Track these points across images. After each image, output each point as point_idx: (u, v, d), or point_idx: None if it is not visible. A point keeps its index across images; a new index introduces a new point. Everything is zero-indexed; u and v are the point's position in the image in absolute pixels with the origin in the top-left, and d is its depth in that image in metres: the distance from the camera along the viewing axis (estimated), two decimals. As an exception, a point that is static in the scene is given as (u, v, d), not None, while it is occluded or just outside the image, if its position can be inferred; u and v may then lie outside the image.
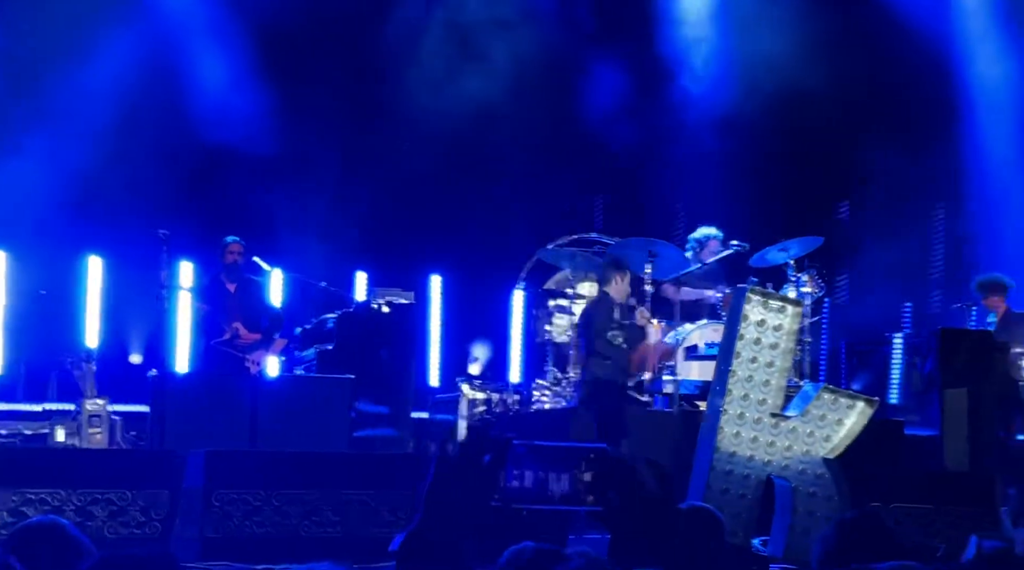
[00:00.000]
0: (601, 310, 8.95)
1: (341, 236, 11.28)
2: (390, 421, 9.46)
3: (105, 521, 6.54)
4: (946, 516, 7.15)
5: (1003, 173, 11.99)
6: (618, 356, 8.85)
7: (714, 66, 12.08)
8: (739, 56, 11.96)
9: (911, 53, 11.70)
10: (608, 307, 8.93)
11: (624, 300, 9.06)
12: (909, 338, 9.90)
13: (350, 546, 6.43)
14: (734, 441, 6.95)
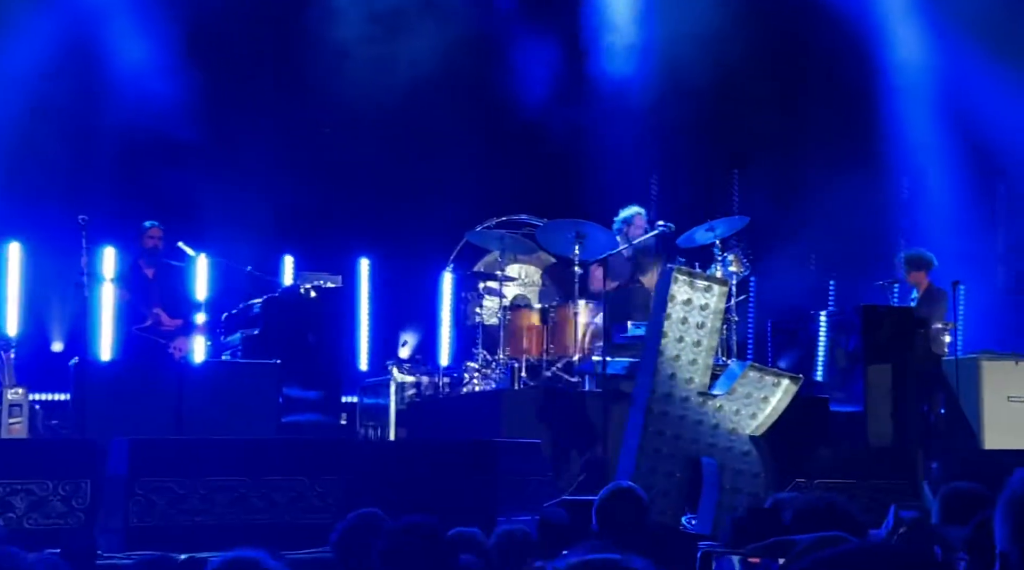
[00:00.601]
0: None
1: (267, 220, 11.16)
2: (319, 406, 9.39)
3: (25, 512, 6.41)
4: (870, 490, 7.27)
5: (922, 152, 12.19)
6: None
7: (639, 46, 12.12)
8: (663, 37, 12.01)
9: (831, 34, 11.84)
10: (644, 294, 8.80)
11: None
12: (833, 316, 10.02)
13: (278, 533, 6.38)
14: (662, 420, 6.99)
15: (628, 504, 4.69)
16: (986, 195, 11.91)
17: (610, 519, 4.66)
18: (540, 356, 9.64)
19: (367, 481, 6.88)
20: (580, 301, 9.51)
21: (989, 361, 9.09)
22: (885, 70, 12.21)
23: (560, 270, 10.54)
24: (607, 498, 4.75)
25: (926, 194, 12.16)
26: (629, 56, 12.12)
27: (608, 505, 4.72)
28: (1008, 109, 11.67)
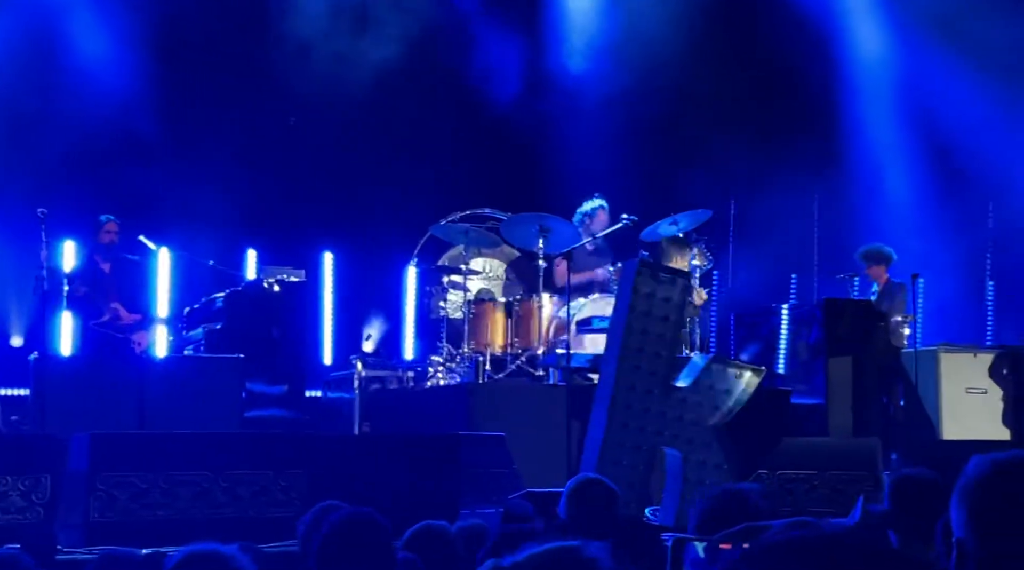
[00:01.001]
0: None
1: (230, 214, 11.09)
2: (283, 401, 9.36)
3: (-15, 508, 6.36)
4: (830, 481, 7.33)
5: (882, 148, 12.30)
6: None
7: (601, 41, 12.16)
8: (625, 30, 12.05)
9: (793, 31, 11.92)
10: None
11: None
12: (795, 309, 10.11)
13: (241, 527, 6.35)
14: (626, 413, 7.02)
15: (598, 495, 4.69)
16: (945, 190, 12.03)
17: (579, 509, 4.67)
18: (504, 350, 9.65)
19: (331, 475, 6.87)
20: (544, 295, 9.53)
21: (947, 353, 9.20)
22: (846, 67, 12.32)
23: (524, 264, 10.56)
24: (576, 488, 4.75)
25: (886, 189, 12.27)
26: (591, 50, 12.16)
27: (578, 495, 4.73)
28: (966, 105, 11.79)
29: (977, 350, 9.39)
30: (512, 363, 9.58)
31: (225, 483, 6.54)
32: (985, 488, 2.08)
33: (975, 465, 2.13)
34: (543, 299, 9.50)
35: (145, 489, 6.46)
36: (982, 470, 2.11)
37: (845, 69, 12.33)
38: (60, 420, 7.77)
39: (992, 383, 9.13)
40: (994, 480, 2.08)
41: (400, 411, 9.97)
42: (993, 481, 2.08)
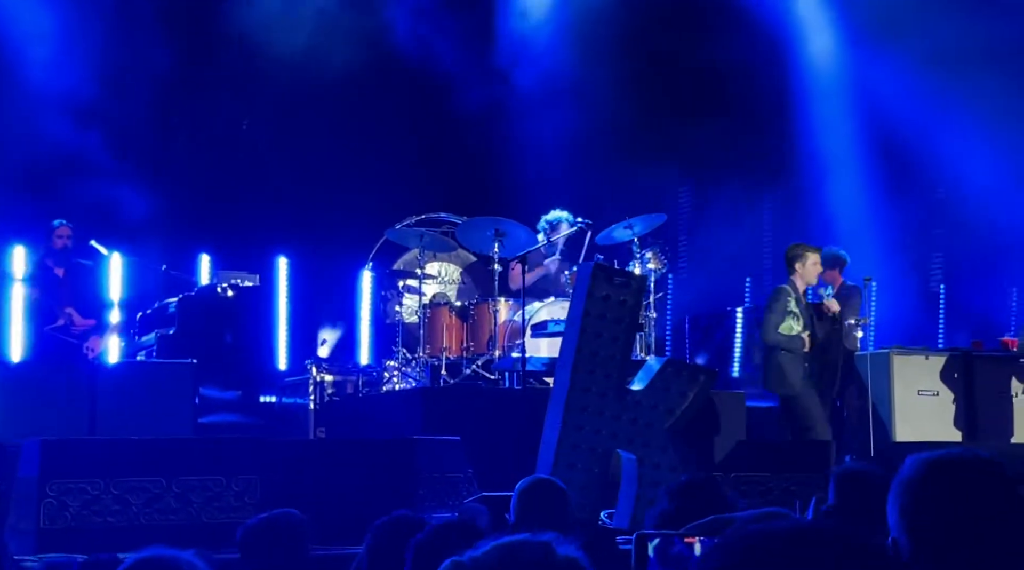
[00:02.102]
0: (778, 298, 8.83)
1: (184, 218, 11.01)
2: (237, 406, 9.30)
3: (-67, 515, 6.26)
4: (783, 482, 7.38)
5: (836, 152, 12.42)
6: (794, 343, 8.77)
7: (555, 47, 12.19)
8: (577, 36, 12.10)
9: (743, 34, 12.02)
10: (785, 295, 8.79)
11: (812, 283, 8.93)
12: (749, 312, 10.17)
13: (194, 533, 6.30)
14: (581, 416, 7.03)
15: (549, 495, 4.67)
16: (897, 193, 12.16)
17: (530, 510, 4.65)
18: (460, 354, 9.64)
19: (285, 480, 6.82)
20: (500, 298, 9.53)
21: (900, 356, 9.28)
22: (797, 70, 12.43)
23: (480, 268, 10.56)
24: (527, 489, 4.73)
25: (838, 192, 12.38)
26: (545, 56, 12.19)
27: (528, 496, 4.70)
28: (917, 109, 11.93)
29: (929, 352, 9.48)
30: (467, 367, 9.57)
31: (177, 489, 6.48)
32: (915, 488, 2.10)
33: (907, 465, 2.15)
34: (498, 303, 9.51)
35: (96, 495, 6.38)
36: (912, 470, 2.13)
37: (796, 73, 12.45)
38: (10, 426, 7.67)
39: (943, 385, 9.24)
40: (923, 480, 2.11)
41: (355, 416, 9.93)
42: (922, 481, 2.10)
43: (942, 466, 2.11)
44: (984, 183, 11.59)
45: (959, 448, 2.18)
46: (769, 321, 8.84)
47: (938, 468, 2.11)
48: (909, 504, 2.09)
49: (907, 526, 2.08)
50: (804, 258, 8.88)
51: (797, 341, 8.79)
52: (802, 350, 8.78)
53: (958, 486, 2.09)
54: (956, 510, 2.06)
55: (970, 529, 2.04)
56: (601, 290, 7.16)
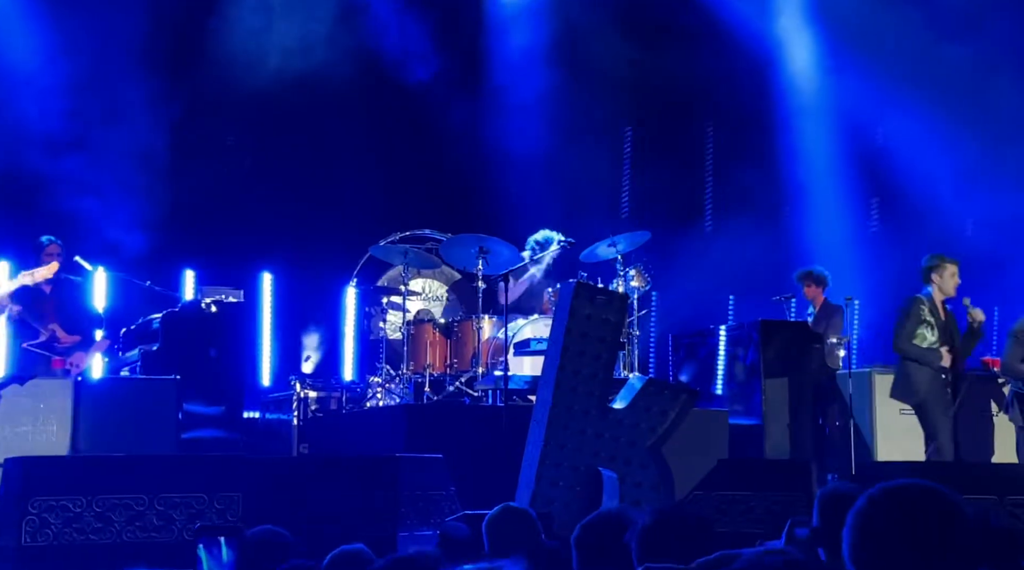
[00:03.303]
0: (911, 306, 8.75)
1: (168, 234, 11.01)
2: (220, 422, 9.28)
3: (-88, 533, 6.24)
4: (765, 502, 7.39)
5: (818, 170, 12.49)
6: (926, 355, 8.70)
7: (540, 60, 12.25)
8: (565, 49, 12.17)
9: (727, 54, 12.10)
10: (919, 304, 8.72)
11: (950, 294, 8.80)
12: (732, 330, 10.20)
13: (176, 550, 6.29)
14: (563, 434, 7.05)
15: (516, 523, 4.69)
16: (880, 213, 12.24)
17: (500, 538, 4.67)
18: (444, 371, 9.66)
19: (268, 497, 6.82)
20: (484, 316, 9.56)
21: (881, 375, 9.32)
22: (781, 89, 12.51)
23: (464, 285, 10.58)
24: (496, 517, 4.76)
25: (821, 211, 12.44)
26: (531, 73, 12.24)
27: (497, 525, 4.73)
28: (900, 128, 12.01)
29: (910, 371, 9.50)
30: (451, 384, 9.59)
31: (160, 506, 6.47)
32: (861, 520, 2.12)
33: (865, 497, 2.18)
34: (482, 320, 9.53)
35: (78, 513, 6.37)
36: (860, 503, 2.16)
37: (780, 92, 12.53)
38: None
39: (924, 404, 9.26)
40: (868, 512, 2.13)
41: (339, 432, 9.93)
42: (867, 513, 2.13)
43: (887, 498, 2.14)
44: (966, 201, 11.67)
45: (909, 479, 2.20)
46: (901, 329, 8.72)
47: (881, 500, 2.14)
48: (855, 535, 2.12)
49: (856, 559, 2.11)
50: (942, 269, 8.74)
51: (933, 355, 8.66)
52: (938, 364, 8.66)
53: (903, 519, 2.11)
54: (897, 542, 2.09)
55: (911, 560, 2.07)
56: (584, 308, 7.19)
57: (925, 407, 8.68)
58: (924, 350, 8.71)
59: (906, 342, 8.73)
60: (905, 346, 8.75)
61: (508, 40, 12.34)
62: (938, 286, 8.78)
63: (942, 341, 8.72)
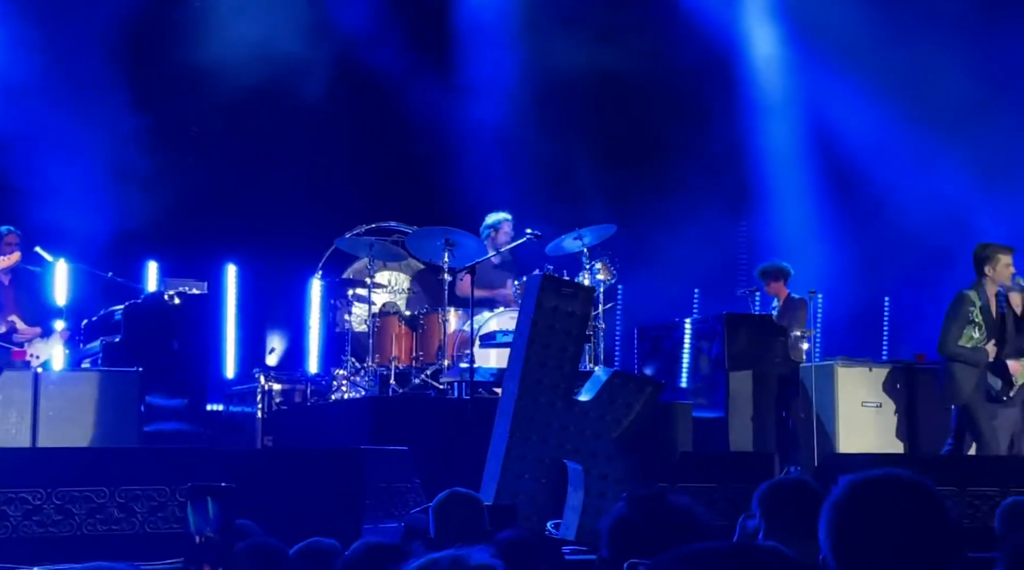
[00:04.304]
0: (958, 306, 8.55)
1: (131, 225, 10.91)
2: (183, 414, 9.22)
3: None
4: (728, 494, 7.43)
5: (781, 164, 12.55)
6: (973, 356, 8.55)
7: (503, 53, 12.24)
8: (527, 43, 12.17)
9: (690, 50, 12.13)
10: (966, 303, 8.51)
11: (1006, 284, 8.51)
12: (697, 323, 10.24)
13: (137, 543, 6.24)
14: (528, 426, 7.04)
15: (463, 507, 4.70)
16: (844, 207, 12.30)
17: (446, 524, 4.68)
18: (409, 363, 9.64)
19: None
20: (449, 308, 9.54)
21: (844, 367, 9.38)
22: (744, 86, 12.56)
23: (429, 276, 10.56)
24: (441, 504, 4.76)
25: (786, 204, 12.50)
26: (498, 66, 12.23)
27: (443, 511, 4.73)
28: (863, 122, 12.08)
29: (872, 365, 9.58)
30: (416, 377, 9.57)
31: (121, 499, 6.42)
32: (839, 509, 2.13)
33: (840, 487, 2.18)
34: (448, 313, 9.51)
35: (38, 505, 6.31)
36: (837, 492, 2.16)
37: (744, 88, 12.58)
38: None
39: (887, 397, 9.34)
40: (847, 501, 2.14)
41: (303, 425, 9.89)
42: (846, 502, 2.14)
43: (866, 487, 2.15)
44: (929, 196, 11.75)
45: (885, 469, 2.21)
46: (948, 331, 8.51)
47: (862, 489, 2.15)
48: (834, 525, 2.13)
49: (832, 547, 2.12)
50: (995, 260, 8.45)
51: (979, 355, 8.50)
52: (986, 361, 8.48)
53: (881, 507, 2.12)
54: (878, 531, 2.09)
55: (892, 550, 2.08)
56: (549, 301, 7.19)
57: (970, 409, 8.57)
58: (970, 351, 8.54)
59: (952, 345, 8.55)
60: (951, 349, 8.57)
61: (474, 32, 12.31)
62: (991, 278, 8.53)
63: (989, 336, 8.53)
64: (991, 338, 8.56)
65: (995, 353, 8.57)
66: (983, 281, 8.60)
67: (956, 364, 8.60)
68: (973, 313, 8.55)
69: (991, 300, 8.62)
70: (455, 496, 4.76)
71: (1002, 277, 8.53)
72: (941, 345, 8.70)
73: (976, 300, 8.58)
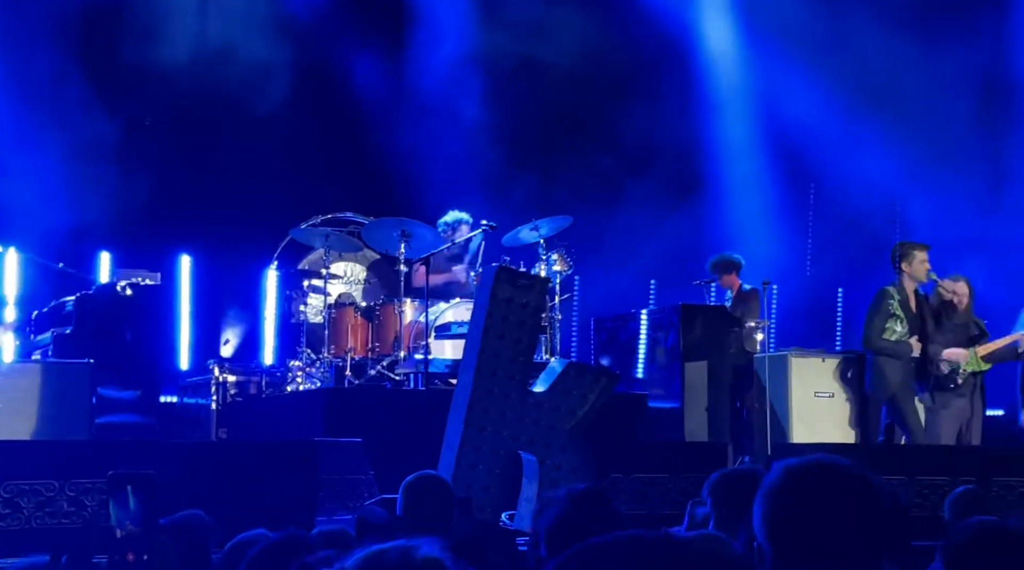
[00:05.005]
0: (879, 300, 8.69)
1: (83, 215, 10.79)
2: (136, 406, 9.15)
3: None
4: (682, 483, 7.48)
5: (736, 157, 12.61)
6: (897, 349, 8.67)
7: (458, 42, 12.21)
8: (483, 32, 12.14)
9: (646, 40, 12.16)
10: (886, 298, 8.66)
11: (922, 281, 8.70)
12: (653, 314, 10.28)
13: (88, 537, 6.18)
14: (483, 417, 7.05)
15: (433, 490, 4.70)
16: (797, 197, 12.38)
17: (416, 505, 4.67)
18: (365, 354, 9.61)
19: (185, 483, 6.72)
20: (406, 299, 9.52)
21: (797, 358, 9.45)
22: (699, 78, 12.61)
23: (384, 267, 10.53)
24: (412, 484, 4.75)
25: (741, 195, 12.56)
26: (452, 56, 12.19)
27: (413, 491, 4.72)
28: (819, 116, 12.16)
29: (825, 355, 9.67)
30: (372, 368, 9.54)
31: (71, 492, 6.36)
32: (772, 495, 2.14)
33: (775, 472, 2.19)
34: (404, 304, 9.49)
35: (-14, 499, 6.23)
36: (770, 478, 2.17)
37: (697, 80, 12.62)
38: None
39: (839, 386, 9.42)
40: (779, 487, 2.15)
41: (258, 417, 9.83)
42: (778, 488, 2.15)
43: (798, 473, 2.16)
44: (883, 188, 11.85)
45: (818, 455, 2.23)
46: (871, 326, 8.72)
47: (793, 475, 2.16)
48: (768, 511, 2.14)
49: (767, 533, 2.13)
50: (911, 257, 8.72)
51: (903, 348, 8.70)
52: (909, 355, 8.68)
53: (812, 492, 2.13)
54: (812, 516, 2.11)
55: (826, 534, 2.09)
56: (505, 292, 7.20)
57: (896, 401, 8.77)
58: (893, 344, 8.76)
59: (876, 338, 8.77)
60: (875, 343, 8.78)
61: (429, 20, 12.26)
62: (908, 274, 8.79)
63: (912, 331, 8.74)
64: (913, 333, 8.74)
65: (919, 348, 8.73)
66: (901, 277, 8.86)
67: (882, 358, 8.80)
68: (893, 307, 8.75)
69: (910, 296, 8.85)
70: (431, 479, 4.77)
71: (918, 273, 8.79)
72: (865, 339, 8.93)
73: (896, 295, 8.81)
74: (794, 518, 2.10)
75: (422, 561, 1.85)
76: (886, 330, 8.76)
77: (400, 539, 1.94)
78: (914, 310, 8.82)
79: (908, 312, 8.77)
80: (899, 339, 8.77)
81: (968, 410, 8.75)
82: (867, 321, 8.87)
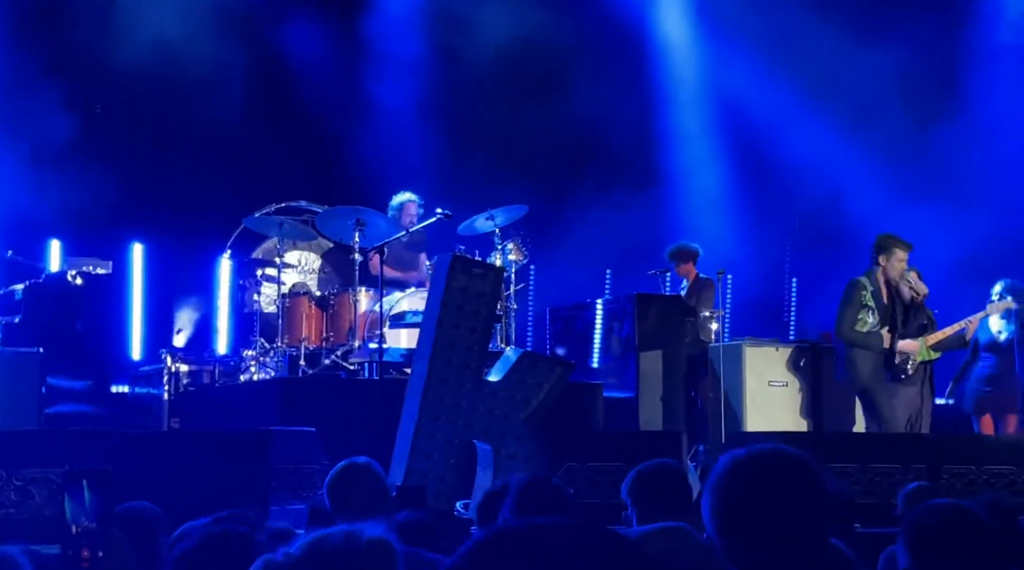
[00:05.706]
0: (851, 291, 8.69)
1: (32, 202, 10.64)
2: (86, 396, 9.05)
3: None
4: (636, 472, 7.47)
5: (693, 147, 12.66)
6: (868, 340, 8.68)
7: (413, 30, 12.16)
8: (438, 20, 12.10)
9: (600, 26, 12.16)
10: (859, 289, 8.66)
11: (895, 278, 8.71)
12: (608, 304, 10.29)
13: (35, 527, 6.10)
14: (438, 406, 7.04)
15: (362, 478, 4.61)
16: (752, 189, 12.44)
17: (345, 497, 4.59)
18: (319, 344, 9.56)
19: (137, 473, 6.65)
20: (360, 288, 9.48)
21: (751, 347, 9.49)
22: (655, 67, 12.63)
23: (339, 256, 10.48)
24: (338, 475, 4.64)
25: (695, 185, 12.61)
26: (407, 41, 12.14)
27: (340, 482, 4.62)
28: (771, 105, 12.22)
29: (779, 344, 9.71)
30: (327, 357, 9.49)
31: (18, 482, 6.28)
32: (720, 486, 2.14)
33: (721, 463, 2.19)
34: (359, 293, 9.44)
35: (-68, 490, 6.15)
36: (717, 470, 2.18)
37: (652, 69, 12.65)
38: None
39: (793, 376, 9.48)
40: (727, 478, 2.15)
41: (211, 407, 9.75)
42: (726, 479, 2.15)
43: (744, 464, 2.16)
44: (836, 178, 11.94)
45: (764, 445, 2.23)
46: (843, 317, 8.74)
47: (740, 466, 2.16)
48: (717, 503, 2.14)
49: (717, 525, 2.13)
50: (891, 252, 8.72)
51: (874, 339, 8.73)
52: (881, 347, 8.72)
53: (760, 481, 2.14)
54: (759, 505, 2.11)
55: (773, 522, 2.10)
56: (459, 281, 7.18)
57: (868, 392, 8.82)
58: (864, 335, 8.79)
59: (848, 329, 8.80)
60: (847, 334, 8.82)
61: (384, 8, 12.21)
62: (884, 267, 8.81)
63: (883, 322, 8.79)
64: (884, 324, 8.79)
65: (889, 339, 8.79)
66: (875, 269, 8.87)
67: (854, 349, 8.84)
68: (865, 298, 8.79)
69: (882, 288, 8.88)
70: (353, 467, 4.64)
71: (893, 270, 8.82)
72: (837, 330, 8.98)
73: (868, 286, 8.84)
74: (744, 506, 2.10)
75: (368, 542, 1.84)
76: (858, 321, 8.79)
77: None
78: (886, 301, 8.85)
79: (880, 303, 8.80)
80: (870, 330, 8.80)
81: (918, 399, 8.85)
82: (839, 312, 8.88)
